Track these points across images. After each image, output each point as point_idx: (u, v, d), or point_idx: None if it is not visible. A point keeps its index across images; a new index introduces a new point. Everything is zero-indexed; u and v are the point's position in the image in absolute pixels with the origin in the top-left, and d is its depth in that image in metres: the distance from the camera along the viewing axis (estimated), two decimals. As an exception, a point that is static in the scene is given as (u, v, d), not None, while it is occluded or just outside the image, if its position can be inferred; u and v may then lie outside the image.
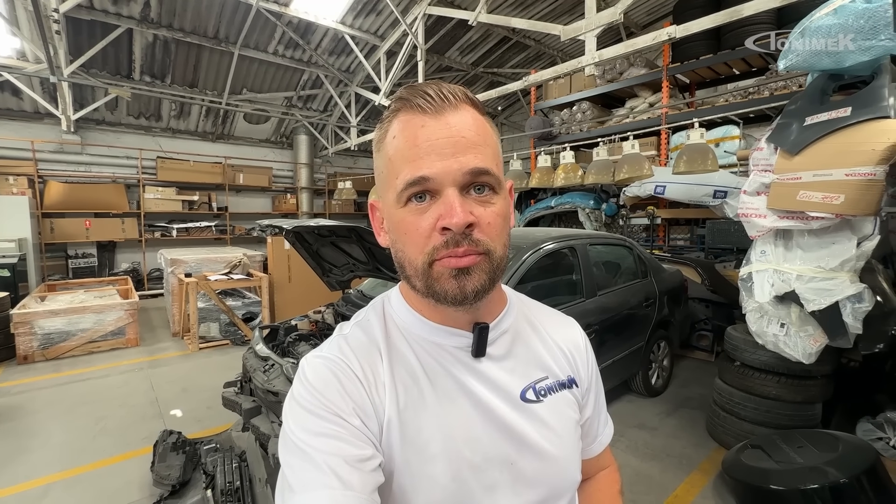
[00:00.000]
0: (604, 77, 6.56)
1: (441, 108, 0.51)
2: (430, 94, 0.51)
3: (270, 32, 7.23)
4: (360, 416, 0.51)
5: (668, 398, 3.62)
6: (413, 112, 0.52)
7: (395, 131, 0.53)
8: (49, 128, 7.36)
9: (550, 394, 0.62)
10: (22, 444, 2.92)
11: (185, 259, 5.53)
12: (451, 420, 0.55)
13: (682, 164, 3.97)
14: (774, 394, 2.59)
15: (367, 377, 0.55)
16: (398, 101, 0.53)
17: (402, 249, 0.54)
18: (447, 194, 0.50)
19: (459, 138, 0.50)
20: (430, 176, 0.49)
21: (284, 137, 10.16)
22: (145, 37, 6.75)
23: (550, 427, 0.60)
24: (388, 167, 0.53)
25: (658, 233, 6.28)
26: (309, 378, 0.54)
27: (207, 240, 8.94)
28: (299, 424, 0.50)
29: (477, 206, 0.51)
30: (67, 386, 3.91)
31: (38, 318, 4.50)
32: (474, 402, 0.57)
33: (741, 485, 2.24)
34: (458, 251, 0.50)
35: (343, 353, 0.56)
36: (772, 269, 2.22)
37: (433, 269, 0.51)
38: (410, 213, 0.51)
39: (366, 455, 0.49)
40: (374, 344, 0.58)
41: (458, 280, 0.51)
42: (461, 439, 0.55)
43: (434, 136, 0.50)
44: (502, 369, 0.60)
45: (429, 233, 0.50)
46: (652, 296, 3.53)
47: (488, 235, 0.52)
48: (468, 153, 0.50)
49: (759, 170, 2.28)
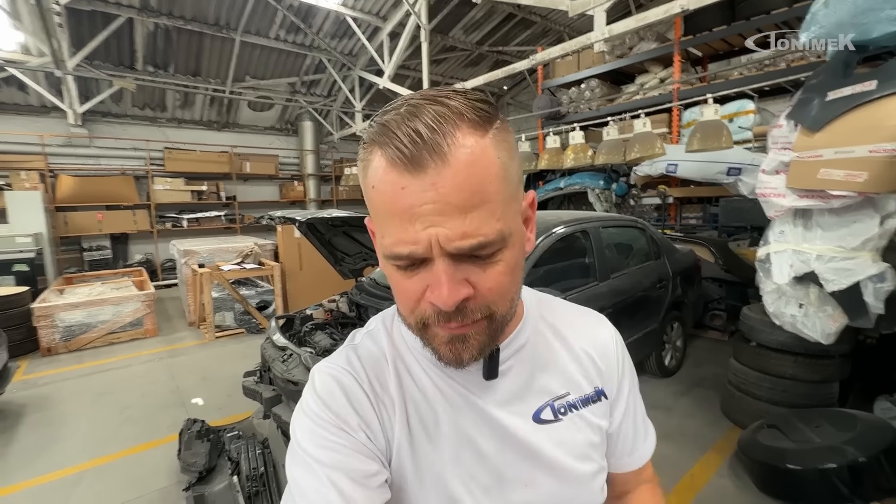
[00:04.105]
0: (613, 53, 6.38)
1: (423, 162, 0.39)
2: (408, 140, 0.39)
3: (271, 17, 7.12)
4: (365, 431, 0.50)
5: (682, 378, 3.63)
6: (391, 162, 0.41)
7: (373, 177, 0.43)
8: (56, 122, 7.38)
9: (572, 411, 0.58)
10: (53, 434, 3.03)
11: (197, 250, 5.59)
12: (463, 442, 0.53)
13: (696, 141, 3.89)
14: (791, 373, 2.59)
15: (374, 392, 0.53)
16: (375, 134, 0.43)
17: (395, 298, 0.49)
18: (435, 266, 0.42)
19: (446, 204, 0.40)
20: (413, 253, 0.42)
21: (289, 124, 10.10)
22: (146, 26, 6.69)
23: (570, 446, 0.56)
24: (374, 215, 0.46)
25: (669, 212, 6.20)
26: (317, 389, 0.52)
27: (217, 229, 9.00)
28: (305, 436, 0.49)
29: (475, 271, 0.43)
30: (91, 376, 4.03)
31: (58, 311, 4.60)
32: (488, 423, 0.54)
33: (757, 464, 2.26)
34: (451, 325, 0.45)
35: (352, 365, 0.55)
36: (791, 250, 2.19)
37: (427, 330, 0.47)
38: (397, 272, 0.45)
39: (371, 471, 0.48)
40: (383, 358, 0.56)
41: (453, 346, 0.46)
42: (474, 462, 0.53)
43: (417, 202, 0.40)
44: (516, 389, 0.56)
45: (417, 297, 0.45)
46: (665, 277, 3.51)
47: (489, 300, 0.45)
48: (463, 220, 0.40)
49: (779, 148, 2.22)
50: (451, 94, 0.43)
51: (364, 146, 0.45)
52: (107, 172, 7.94)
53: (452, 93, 0.43)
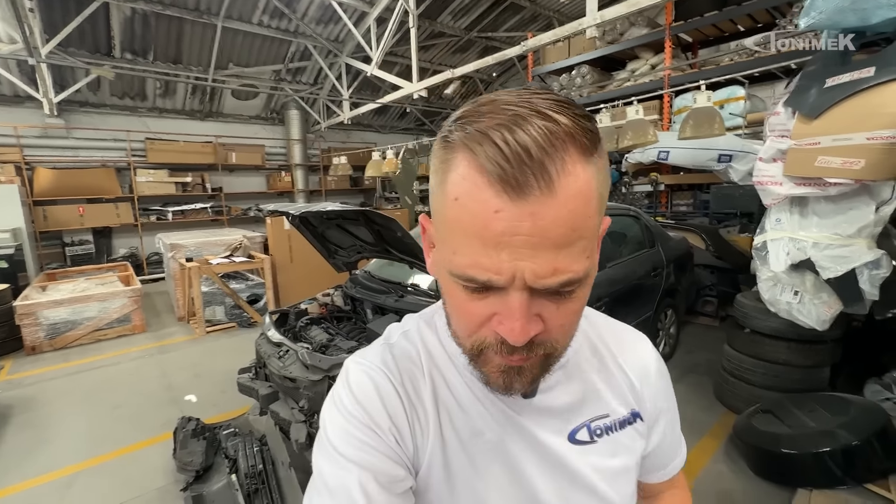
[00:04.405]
0: (604, 39, 6.33)
1: (526, 187, 0.35)
2: (514, 157, 0.34)
3: (254, 1, 6.88)
4: (395, 435, 0.49)
5: (675, 364, 3.67)
6: (488, 179, 0.36)
7: (457, 188, 0.38)
8: (31, 112, 7.08)
9: (608, 433, 0.57)
10: (41, 436, 2.95)
11: (184, 243, 5.46)
12: (503, 457, 0.52)
13: (689, 128, 3.88)
14: (784, 359, 2.63)
15: (408, 396, 0.51)
16: (468, 138, 0.37)
17: (450, 315, 0.47)
18: (511, 298, 0.39)
19: (542, 238, 0.36)
20: (490, 281, 0.38)
21: (275, 113, 9.86)
22: (122, 10, 6.41)
23: (605, 469, 0.55)
24: (445, 227, 0.40)
25: (661, 199, 6.24)
26: (352, 385, 0.51)
27: (204, 222, 8.82)
28: (335, 432, 0.48)
29: (548, 307, 0.40)
30: (79, 375, 3.93)
31: (42, 309, 4.47)
32: (528, 441, 0.53)
33: (753, 449, 2.30)
34: (513, 358, 0.42)
35: (387, 364, 0.53)
36: (787, 238, 2.20)
37: (483, 355, 0.44)
38: (462, 294, 0.41)
39: (398, 476, 0.47)
40: (418, 363, 0.54)
41: (507, 376, 0.44)
42: (511, 479, 0.52)
43: (510, 231, 0.36)
44: (554, 408, 0.54)
45: (481, 322, 0.42)
46: (659, 265, 3.53)
47: (555, 337, 0.42)
48: (555, 257, 0.37)
49: (776, 135, 2.22)
50: (556, 105, 0.37)
51: (447, 145, 0.39)
52: (86, 164, 7.68)
53: (557, 105, 0.37)
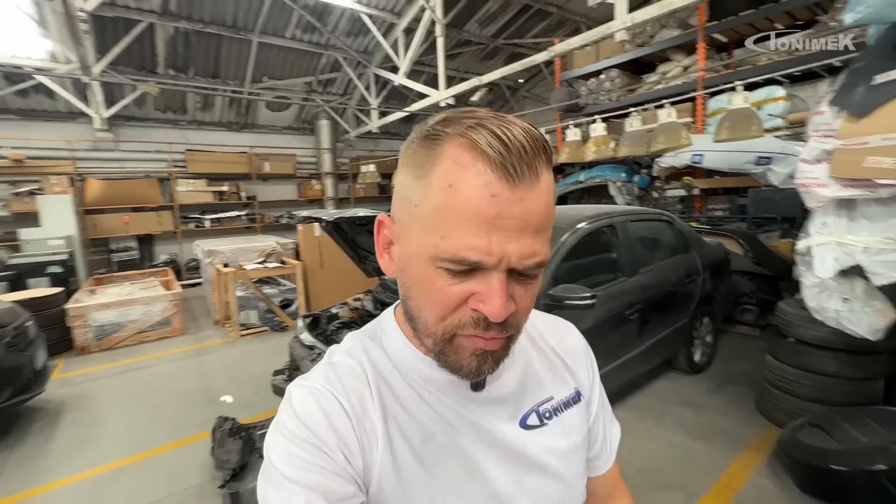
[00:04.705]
0: (633, 42, 6.23)
1: (519, 176, 0.40)
2: (515, 148, 0.40)
3: (287, 17, 7.16)
4: (343, 452, 0.48)
5: (712, 375, 3.54)
6: (488, 164, 0.40)
7: (451, 175, 0.41)
8: (83, 127, 7.57)
9: (556, 414, 0.60)
10: (90, 432, 3.12)
11: (221, 249, 5.69)
12: (460, 457, 0.53)
13: (725, 130, 3.76)
14: (833, 370, 2.49)
15: (355, 412, 0.51)
16: (466, 129, 0.42)
17: (418, 306, 0.48)
18: (492, 277, 0.42)
19: (527, 223, 0.41)
20: (481, 262, 0.41)
21: (306, 123, 10.17)
22: (166, 30, 6.79)
23: (557, 450, 0.59)
24: (431, 216, 0.43)
25: (694, 204, 6.04)
26: (295, 408, 0.50)
27: (238, 229, 9.15)
28: (281, 457, 0.47)
29: (518, 289, 0.45)
30: (124, 375, 4.14)
31: (91, 311, 4.73)
32: (481, 435, 0.54)
33: (799, 464, 2.19)
34: (486, 335, 0.45)
35: (331, 383, 0.52)
36: (834, 242, 2.09)
37: (454, 341, 0.47)
38: (440, 279, 0.44)
39: (348, 493, 0.46)
40: (364, 376, 0.54)
41: (479, 359, 0.47)
42: (468, 476, 0.53)
43: (504, 215, 0.40)
44: (502, 397, 0.57)
45: (457, 305, 0.44)
46: (694, 271, 3.42)
47: (519, 319, 0.47)
48: (534, 240, 0.42)
49: (820, 135, 2.13)
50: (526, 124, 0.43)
51: (435, 140, 0.43)
52: (132, 175, 8.13)
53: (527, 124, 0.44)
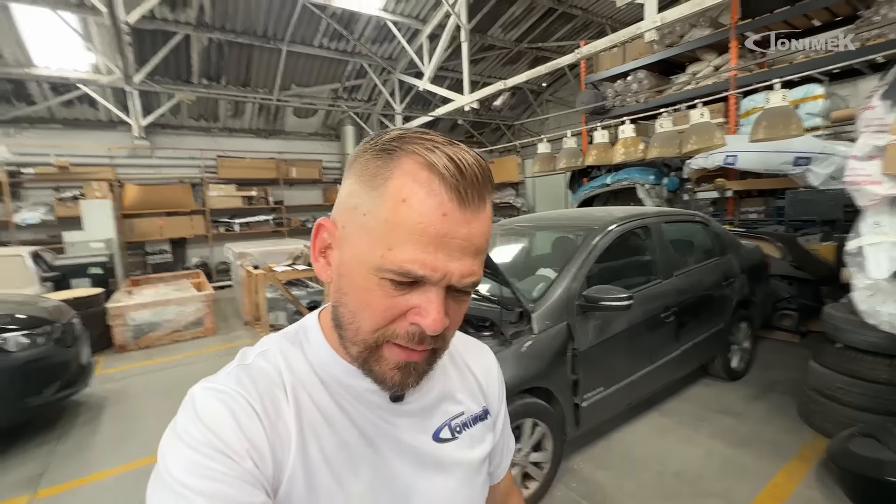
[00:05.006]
0: (662, 42, 6.12)
1: (468, 199, 0.43)
2: (469, 173, 0.43)
3: (315, 26, 7.33)
4: (252, 458, 0.45)
5: (751, 382, 3.41)
6: (439, 183, 0.43)
7: (405, 191, 0.43)
8: (122, 135, 7.92)
9: (465, 429, 0.63)
10: (130, 426, 3.23)
11: (251, 252, 5.84)
12: (366, 466, 0.53)
13: (762, 130, 3.66)
14: (885, 377, 2.36)
15: (267, 415, 0.48)
16: (421, 149, 0.44)
17: (353, 312, 0.47)
18: (432, 292, 0.45)
19: (470, 244, 0.45)
20: (426, 277, 0.43)
21: (332, 129, 10.37)
22: (201, 41, 7.05)
23: (466, 462, 0.61)
24: (380, 226, 0.44)
25: (727, 206, 5.87)
26: (198, 411, 0.47)
27: (266, 233, 9.37)
28: (178, 463, 0.43)
29: (452, 305, 0.47)
30: (160, 372, 4.27)
31: (129, 311, 4.92)
32: (398, 446, 0.55)
33: (851, 475, 2.08)
34: (419, 347, 0.47)
35: (242, 386, 0.49)
36: (889, 242, 2.00)
37: (381, 350, 0.47)
38: (382, 289, 0.45)
39: (255, 501, 0.44)
40: (280, 379, 0.51)
41: (402, 372, 0.48)
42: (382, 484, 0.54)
43: (452, 234, 0.43)
44: (418, 410, 0.58)
45: (395, 316, 0.46)
46: (731, 274, 3.32)
47: (450, 333, 0.50)
48: (473, 261, 0.46)
49: (872, 131, 2.04)
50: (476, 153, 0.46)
51: (389, 154, 0.45)
52: (166, 181, 8.45)
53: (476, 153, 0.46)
